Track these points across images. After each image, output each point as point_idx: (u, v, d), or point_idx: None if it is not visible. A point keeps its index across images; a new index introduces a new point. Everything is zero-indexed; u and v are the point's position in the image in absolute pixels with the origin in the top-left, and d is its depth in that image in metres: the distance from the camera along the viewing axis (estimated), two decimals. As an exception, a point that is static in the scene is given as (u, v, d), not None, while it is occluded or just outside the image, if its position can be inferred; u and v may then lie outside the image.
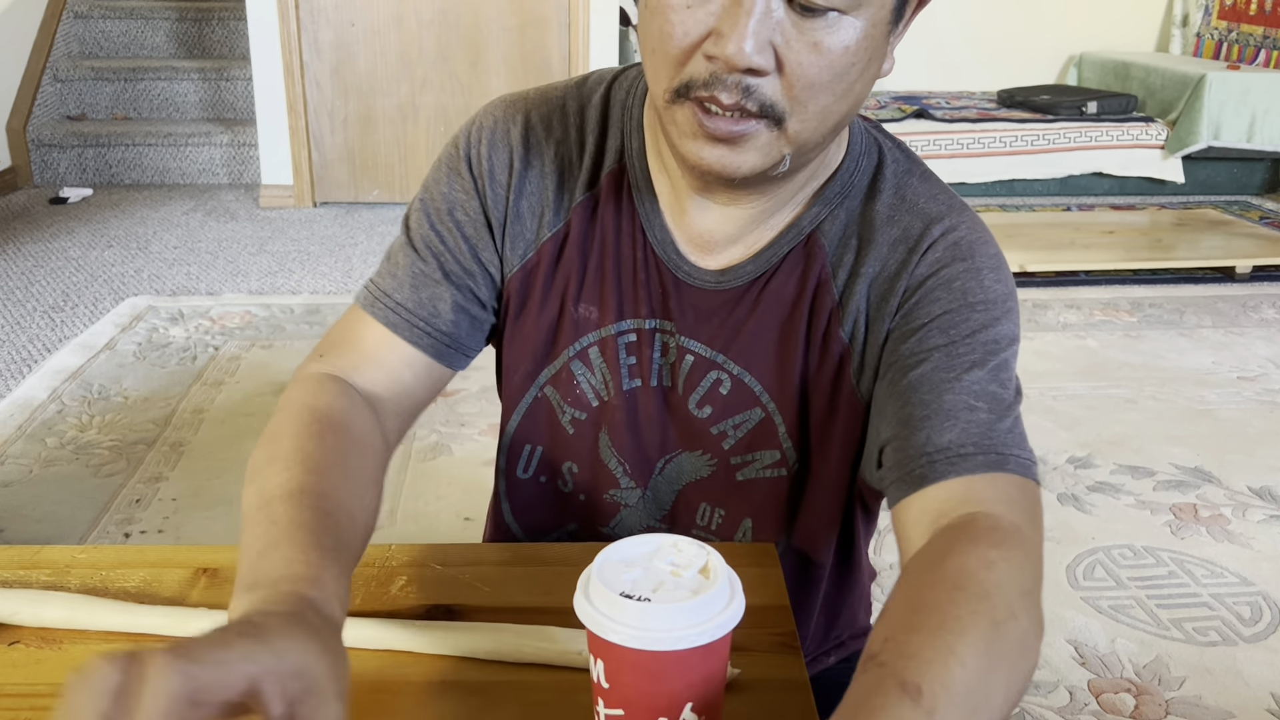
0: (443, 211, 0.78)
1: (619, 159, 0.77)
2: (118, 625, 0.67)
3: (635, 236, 0.77)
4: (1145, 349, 2.72)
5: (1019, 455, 0.66)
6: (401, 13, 3.83)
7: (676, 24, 0.63)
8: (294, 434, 0.67)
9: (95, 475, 2.01)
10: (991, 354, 0.69)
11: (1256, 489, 2.03)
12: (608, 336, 0.78)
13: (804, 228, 0.75)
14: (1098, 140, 4.10)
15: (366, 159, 3.97)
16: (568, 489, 0.84)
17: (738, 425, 0.78)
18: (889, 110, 4.16)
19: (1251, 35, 4.39)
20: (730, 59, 0.61)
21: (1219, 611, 1.66)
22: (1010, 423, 0.68)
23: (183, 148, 4.20)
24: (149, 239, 3.52)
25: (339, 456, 0.66)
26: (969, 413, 0.66)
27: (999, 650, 0.54)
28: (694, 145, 0.66)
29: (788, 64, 0.62)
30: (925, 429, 0.67)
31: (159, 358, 2.55)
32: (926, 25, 5.60)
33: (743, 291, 0.76)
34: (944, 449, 0.65)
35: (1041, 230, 3.56)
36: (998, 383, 0.68)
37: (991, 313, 0.70)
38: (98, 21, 4.55)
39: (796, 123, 0.64)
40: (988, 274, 0.71)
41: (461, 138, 0.79)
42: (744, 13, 0.60)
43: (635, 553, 0.54)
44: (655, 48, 0.65)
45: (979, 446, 0.65)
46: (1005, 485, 0.64)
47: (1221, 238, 3.51)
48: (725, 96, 0.62)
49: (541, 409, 0.82)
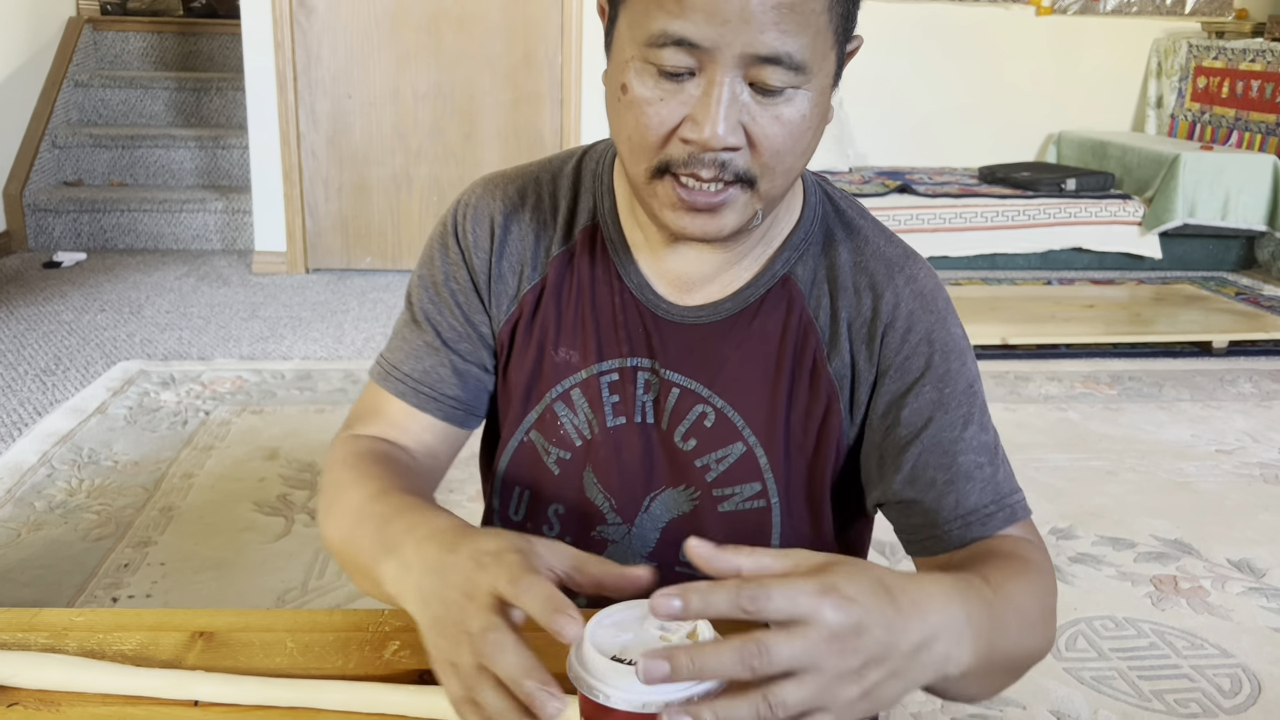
0: (438, 284, 0.85)
1: (592, 217, 0.84)
2: (116, 688, 0.69)
3: (611, 283, 0.82)
4: (1125, 421, 2.76)
5: (1019, 499, 0.79)
6: (398, 86, 3.92)
7: (652, 115, 0.69)
8: (352, 467, 0.77)
9: (84, 539, 2.01)
10: (974, 402, 0.79)
11: (1235, 561, 2.05)
12: (589, 377, 0.83)
13: (777, 271, 0.81)
14: (1077, 216, 4.19)
15: (360, 227, 4.02)
16: (554, 533, 0.87)
17: (720, 459, 0.82)
18: (873, 185, 4.25)
19: (1224, 117, 4.52)
20: (707, 142, 0.68)
21: (1199, 683, 1.67)
22: (1004, 465, 0.79)
23: (177, 214, 4.26)
24: (142, 303, 3.55)
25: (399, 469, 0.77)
26: (979, 470, 0.77)
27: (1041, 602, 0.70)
28: (674, 216, 0.72)
29: (756, 138, 0.69)
30: (952, 494, 0.77)
31: (150, 422, 2.57)
32: (910, 103, 5.71)
33: (726, 327, 0.81)
34: (972, 512, 0.77)
35: (1023, 304, 3.63)
36: (986, 430, 0.79)
37: (964, 360, 0.79)
38: (98, 90, 4.63)
39: (767, 184, 0.72)
40: (951, 321, 0.80)
41: (448, 217, 0.86)
42: (715, 100, 0.67)
43: (625, 617, 0.57)
44: (632, 135, 0.71)
45: (998, 504, 0.77)
46: (1022, 530, 0.78)
47: (1199, 313, 3.58)
48: (704, 172, 0.70)
49: (526, 453, 0.86)
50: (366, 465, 0.78)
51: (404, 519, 0.68)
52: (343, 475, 0.78)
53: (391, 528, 0.68)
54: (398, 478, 0.76)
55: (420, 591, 0.62)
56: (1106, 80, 4.88)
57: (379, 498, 0.72)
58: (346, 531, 0.73)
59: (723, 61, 0.66)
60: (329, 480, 0.79)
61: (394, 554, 0.66)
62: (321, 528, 0.77)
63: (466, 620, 0.57)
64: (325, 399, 2.75)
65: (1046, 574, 0.74)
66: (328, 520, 0.76)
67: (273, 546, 2.01)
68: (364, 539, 0.70)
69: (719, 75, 0.67)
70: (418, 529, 0.66)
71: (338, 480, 0.78)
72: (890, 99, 4.70)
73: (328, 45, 3.85)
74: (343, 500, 0.75)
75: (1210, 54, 4.58)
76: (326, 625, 0.77)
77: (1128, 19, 4.82)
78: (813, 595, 0.52)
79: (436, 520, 0.67)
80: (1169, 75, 4.79)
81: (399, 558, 0.65)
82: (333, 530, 0.74)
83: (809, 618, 0.51)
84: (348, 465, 0.79)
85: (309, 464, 2.36)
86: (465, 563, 0.60)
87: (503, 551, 0.59)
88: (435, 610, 0.60)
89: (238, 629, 0.76)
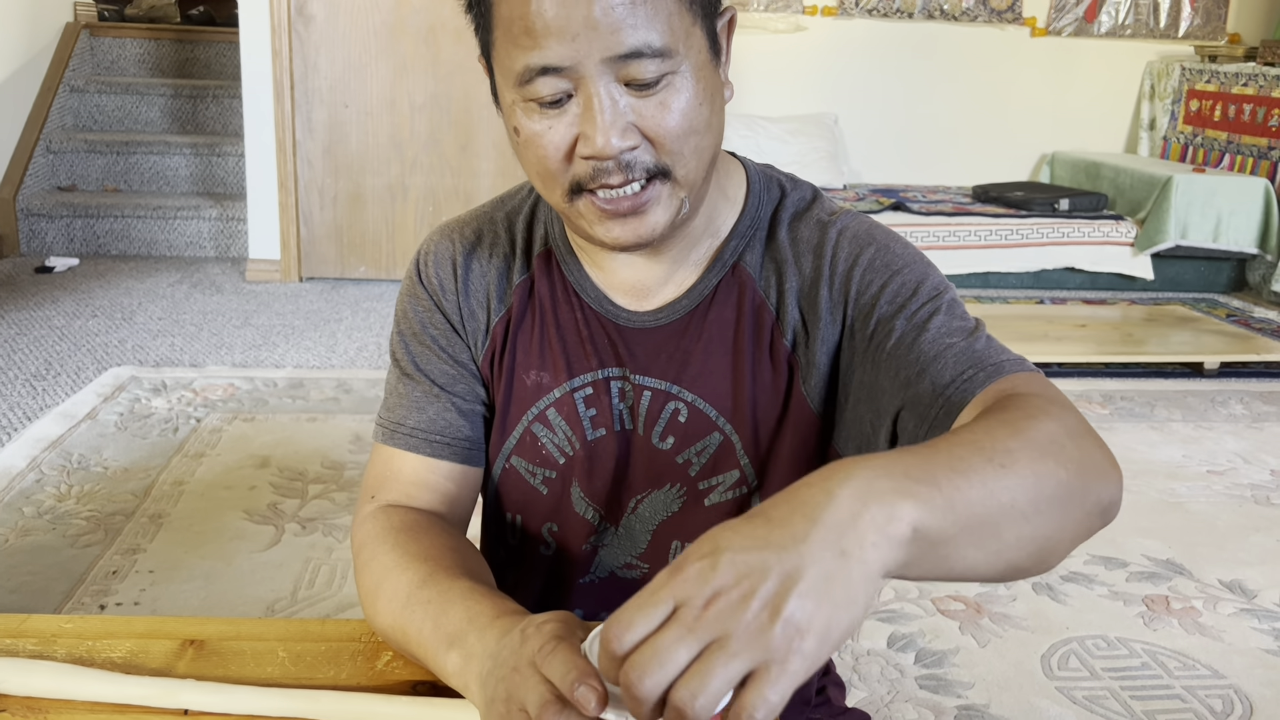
0: (418, 332, 0.86)
1: (545, 244, 0.86)
2: (105, 696, 0.68)
3: (571, 301, 0.84)
4: (1118, 441, 2.76)
5: (1008, 358, 0.72)
6: (395, 96, 3.92)
7: (547, 144, 0.71)
8: (393, 547, 0.77)
9: (72, 546, 2.00)
10: (938, 299, 0.76)
11: (1227, 582, 2.06)
12: (563, 395, 0.84)
13: (727, 260, 0.82)
14: (1070, 236, 4.21)
15: (355, 236, 4.02)
16: (549, 552, 0.88)
17: (700, 452, 0.83)
18: (867, 202, 4.26)
19: (1216, 140, 4.55)
20: (601, 151, 0.70)
21: (1191, 704, 1.67)
22: (984, 340, 0.74)
23: (171, 220, 4.25)
24: (134, 310, 3.54)
25: (439, 544, 0.77)
26: (949, 349, 0.73)
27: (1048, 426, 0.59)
28: (604, 229, 0.74)
29: (649, 131, 0.71)
30: (926, 379, 0.72)
31: (140, 428, 2.55)
32: (904, 121, 5.74)
33: (685, 324, 0.82)
34: (950, 383, 0.71)
35: (1016, 322, 3.64)
36: (957, 318, 0.76)
37: (917, 270, 0.78)
38: (93, 96, 4.63)
39: (681, 169, 0.73)
40: (895, 245, 0.80)
41: (412, 268, 0.88)
42: (597, 112, 0.69)
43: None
44: (537, 169, 0.74)
45: (976, 366, 0.71)
46: (1015, 382, 0.69)
47: (1190, 334, 3.59)
48: (613, 179, 0.71)
49: (511, 479, 0.87)
50: (406, 544, 0.76)
51: (461, 607, 0.68)
52: (383, 556, 0.76)
53: (449, 617, 0.68)
54: (441, 556, 0.75)
55: (480, 677, 0.62)
56: (1100, 102, 4.92)
57: (427, 583, 0.71)
58: (396, 618, 0.72)
59: (590, 74, 0.68)
60: (365, 560, 0.78)
61: (457, 645, 0.66)
62: (366, 610, 0.76)
63: (516, 691, 0.56)
64: (317, 407, 2.74)
65: (1052, 404, 0.62)
66: (374, 605, 0.74)
67: (262, 555, 2.00)
68: (420, 628, 0.69)
69: (592, 87, 0.69)
70: (478, 618, 0.66)
71: (378, 561, 0.77)
72: (885, 117, 4.72)
73: (325, 54, 3.86)
74: (389, 585, 0.74)
75: (1203, 77, 4.61)
76: (319, 635, 0.76)
77: (1122, 41, 4.85)
78: (661, 577, 0.48)
79: (495, 606, 0.67)
80: (1162, 98, 4.83)
81: (462, 649, 0.65)
82: (382, 617, 0.73)
83: (661, 584, 0.47)
84: (385, 544, 0.77)
85: (300, 472, 2.35)
86: (516, 638, 0.59)
87: (546, 621, 0.59)
88: (491, 690, 0.59)
89: (229, 638, 0.76)
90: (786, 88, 4.60)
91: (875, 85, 4.65)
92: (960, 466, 0.53)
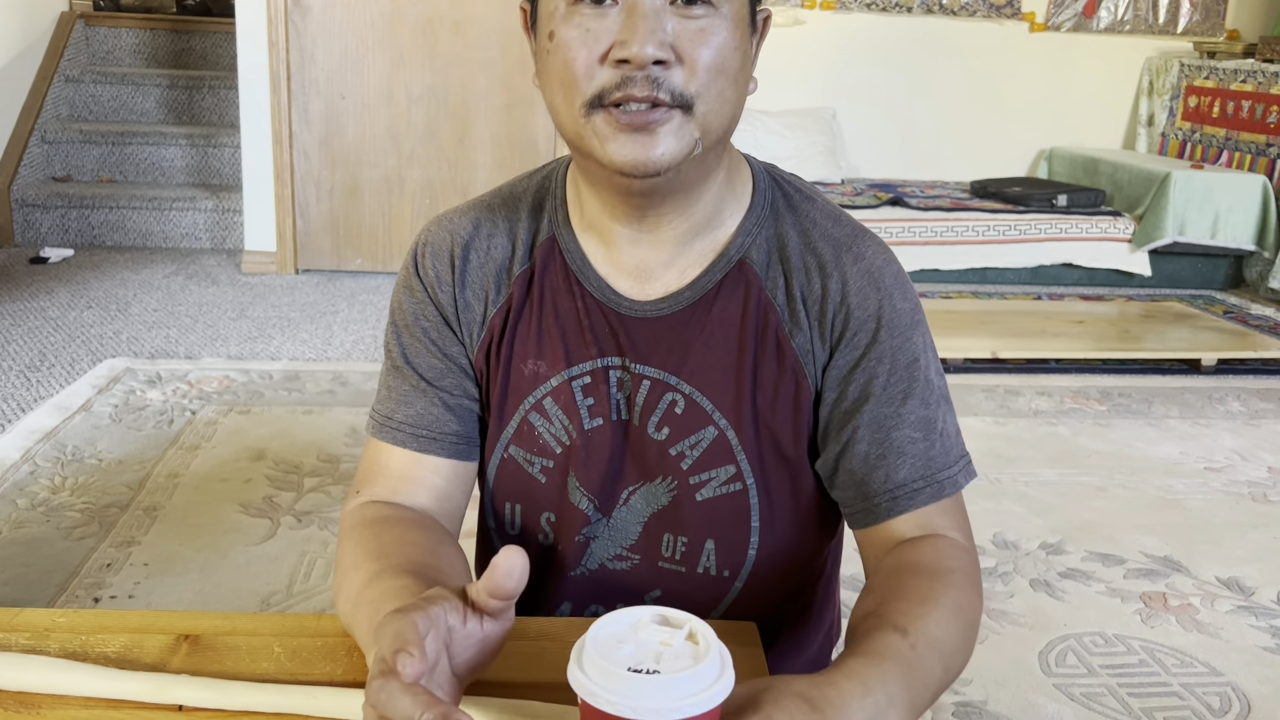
0: (410, 326, 0.86)
1: (549, 231, 0.85)
2: (98, 691, 0.67)
3: (572, 290, 0.83)
4: (1115, 438, 2.76)
5: (950, 473, 0.81)
6: (392, 88, 3.90)
7: (580, 48, 0.72)
8: (356, 544, 0.77)
9: (66, 538, 1.99)
10: (915, 377, 0.80)
11: (1224, 579, 2.05)
12: (561, 384, 0.84)
13: (732, 256, 0.82)
14: (1067, 232, 4.20)
15: (351, 228, 4.00)
16: (548, 541, 0.88)
17: (693, 445, 0.83)
18: (865, 197, 4.25)
19: (1214, 136, 4.55)
20: (638, 56, 0.70)
21: (1189, 701, 1.66)
22: (941, 439, 0.81)
23: (167, 211, 4.23)
24: (129, 301, 3.52)
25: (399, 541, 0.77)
26: (911, 445, 0.80)
27: (962, 619, 0.73)
28: (615, 145, 0.72)
29: (685, 53, 0.71)
30: (883, 468, 0.80)
31: (135, 420, 2.54)
32: (903, 116, 5.75)
33: (687, 316, 0.82)
34: (900, 485, 0.80)
35: (1013, 318, 3.63)
36: (926, 404, 0.81)
37: (909, 335, 0.81)
38: (89, 86, 4.60)
39: (703, 106, 0.73)
40: (898, 297, 0.81)
41: (409, 259, 0.87)
42: (640, 16, 0.70)
43: (619, 628, 0.56)
44: (562, 75, 0.73)
45: (925, 480, 0.80)
46: (946, 509, 0.81)
47: (1187, 330, 3.59)
48: (639, 91, 0.71)
49: (509, 468, 0.87)
50: (365, 541, 0.78)
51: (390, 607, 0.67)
52: (347, 553, 0.78)
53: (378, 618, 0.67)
54: (395, 552, 0.75)
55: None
56: (1098, 97, 4.91)
57: (373, 582, 0.71)
58: (347, 617, 0.73)
59: None
60: (339, 556, 0.80)
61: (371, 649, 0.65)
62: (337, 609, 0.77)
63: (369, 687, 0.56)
64: (313, 400, 2.73)
65: (968, 583, 0.75)
66: (337, 599, 0.77)
67: (258, 549, 1.99)
68: (362, 628, 0.69)
69: None
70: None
71: (343, 558, 0.78)
72: (884, 112, 4.71)
73: (322, 45, 3.84)
74: (345, 584, 0.75)
75: (1201, 74, 4.61)
76: (315, 630, 0.76)
77: (1120, 37, 4.84)
78: None
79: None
80: (1160, 94, 4.82)
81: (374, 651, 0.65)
82: (341, 616, 0.75)
83: None
84: (350, 541, 0.79)
85: (295, 465, 2.34)
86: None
87: (396, 611, 0.60)
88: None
89: (224, 633, 0.75)
90: (785, 82, 4.59)
91: (874, 80, 4.64)
92: (929, 679, 0.67)
